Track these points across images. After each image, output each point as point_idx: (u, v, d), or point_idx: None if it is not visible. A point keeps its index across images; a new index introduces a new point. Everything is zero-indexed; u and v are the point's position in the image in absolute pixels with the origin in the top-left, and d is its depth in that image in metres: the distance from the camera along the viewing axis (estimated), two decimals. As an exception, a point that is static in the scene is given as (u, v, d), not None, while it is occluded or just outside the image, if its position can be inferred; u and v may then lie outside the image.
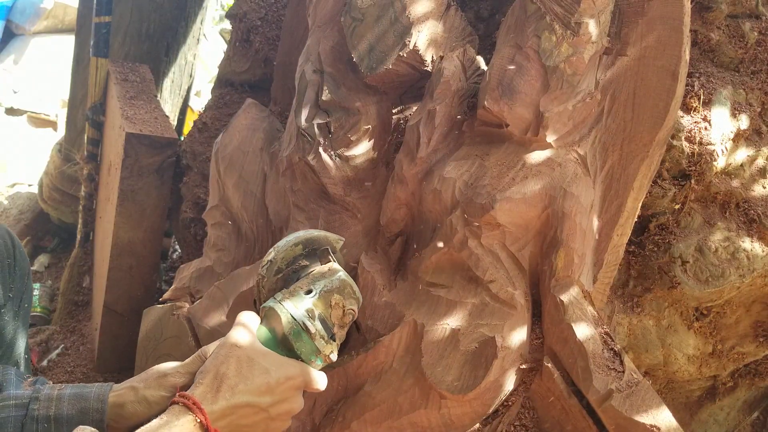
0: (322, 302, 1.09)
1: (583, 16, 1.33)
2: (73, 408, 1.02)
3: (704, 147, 1.53)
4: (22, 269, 1.36)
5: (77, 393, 1.04)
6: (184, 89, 3.25)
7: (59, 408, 1.02)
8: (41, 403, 1.02)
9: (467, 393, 1.31)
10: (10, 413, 1.00)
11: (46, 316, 2.93)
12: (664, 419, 1.24)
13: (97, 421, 1.01)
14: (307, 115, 1.62)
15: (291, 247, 1.16)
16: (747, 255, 1.55)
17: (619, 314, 1.59)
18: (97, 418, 1.01)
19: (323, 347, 1.07)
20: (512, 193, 1.35)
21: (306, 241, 1.17)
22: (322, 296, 1.10)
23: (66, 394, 1.04)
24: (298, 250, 1.16)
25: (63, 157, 3.19)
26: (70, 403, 1.02)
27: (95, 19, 2.51)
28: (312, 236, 1.18)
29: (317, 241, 1.18)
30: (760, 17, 1.67)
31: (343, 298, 1.12)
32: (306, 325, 1.06)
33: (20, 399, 1.03)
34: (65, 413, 1.01)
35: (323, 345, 1.07)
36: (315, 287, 1.11)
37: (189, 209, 2.33)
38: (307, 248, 1.17)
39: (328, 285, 1.11)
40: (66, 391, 1.04)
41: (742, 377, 1.84)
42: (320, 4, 1.72)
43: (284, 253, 1.15)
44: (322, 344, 1.07)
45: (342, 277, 1.14)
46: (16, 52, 5.01)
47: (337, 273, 1.14)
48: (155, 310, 1.83)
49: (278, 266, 1.15)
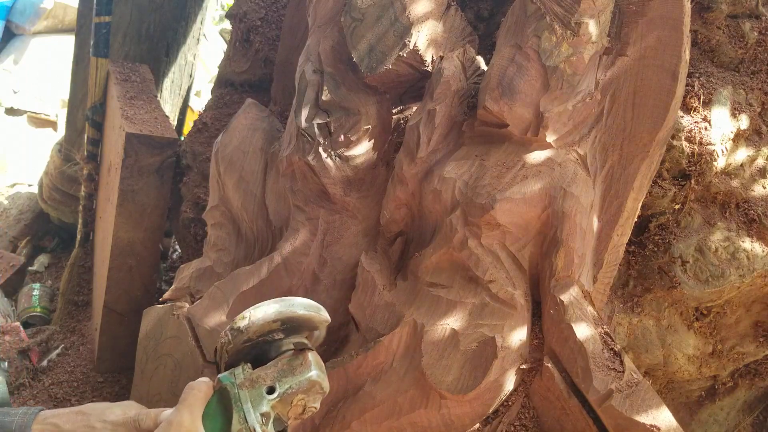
0: (282, 403, 1.01)
1: (583, 16, 1.33)
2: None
3: (704, 147, 1.53)
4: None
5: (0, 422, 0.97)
6: (184, 89, 3.25)
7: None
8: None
9: (467, 393, 1.31)
10: None
11: (46, 316, 2.93)
12: (664, 419, 1.24)
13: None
14: (307, 115, 1.62)
15: (268, 323, 1.05)
16: (747, 255, 1.55)
17: (619, 314, 1.59)
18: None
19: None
20: (512, 193, 1.35)
21: (287, 320, 1.06)
22: (285, 398, 1.01)
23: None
24: (274, 326, 1.06)
25: (63, 157, 3.19)
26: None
27: (95, 19, 2.51)
28: (295, 316, 1.06)
29: (299, 321, 1.07)
30: (760, 17, 1.67)
31: (306, 397, 1.03)
32: (255, 430, 0.99)
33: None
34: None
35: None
36: (279, 386, 1.02)
37: (189, 209, 2.33)
38: (285, 325, 1.06)
39: (294, 386, 1.02)
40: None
41: (742, 377, 1.84)
42: (320, 4, 1.72)
43: (258, 328, 1.05)
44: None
45: (312, 378, 1.03)
46: (16, 52, 5.01)
47: (308, 372, 1.03)
48: (155, 310, 1.83)
49: (248, 336, 1.04)
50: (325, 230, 1.62)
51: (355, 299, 1.53)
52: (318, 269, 1.62)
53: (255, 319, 1.05)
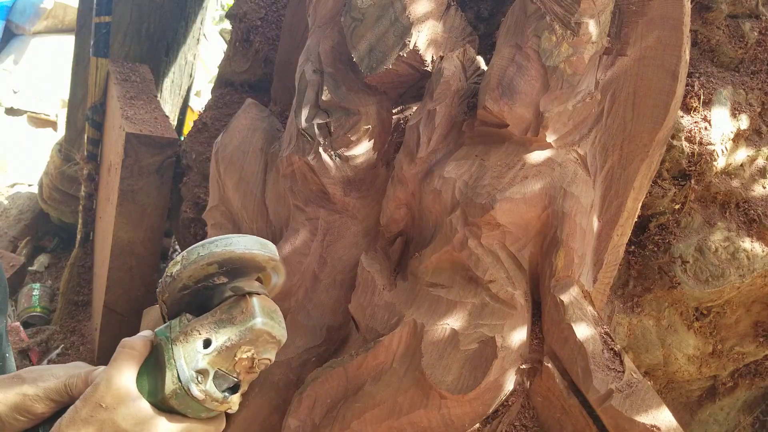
0: (222, 358, 0.88)
1: (583, 16, 1.33)
2: None
3: (704, 147, 1.53)
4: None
5: None
6: (184, 89, 3.25)
7: None
8: None
9: (467, 393, 1.31)
10: None
11: (46, 316, 2.93)
12: (664, 419, 1.24)
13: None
14: (307, 115, 1.62)
15: (203, 266, 0.90)
16: (747, 255, 1.55)
17: (619, 314, 1.59)
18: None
19: (216, 407, 0.88)
20: (512, 193, 1.35)
21: (224, 261, 0.90)
22: (224, 351, 0.87)
23: None
24: (211, 270, 0.90)
25: (63, 157, 3.19)
26: None
27: (95, 19, 2.51)
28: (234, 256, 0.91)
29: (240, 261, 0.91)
30: (760, 17, 1.67)
31: (254, 348, 0.89)
32: (191, 390, 0.86)
33: None
34: None
35: (216, 405, 0.88)
36: (216, 338, 0.88)
37: (189, 209, 2.33)
38: (224, 268, 0.91)
39: (234, 338, 0.88)
40: None
41: (742, 377, 1.84)
42: (320, 4, 1.72)
43: (192, 272, 0.90)
44: (215, 405, 0.87)
45: (256, 326, 0.89)
46: (16, 52, 5.01)
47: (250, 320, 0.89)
48: (155, 310, 1.83)
49: (184, 283, 0.91)
50: (325, 230, 1.62)
51: (355, 299, 1.53)
52: (318, 269, 1.62)
53: (187, 262, 0.91)
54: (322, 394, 1.46)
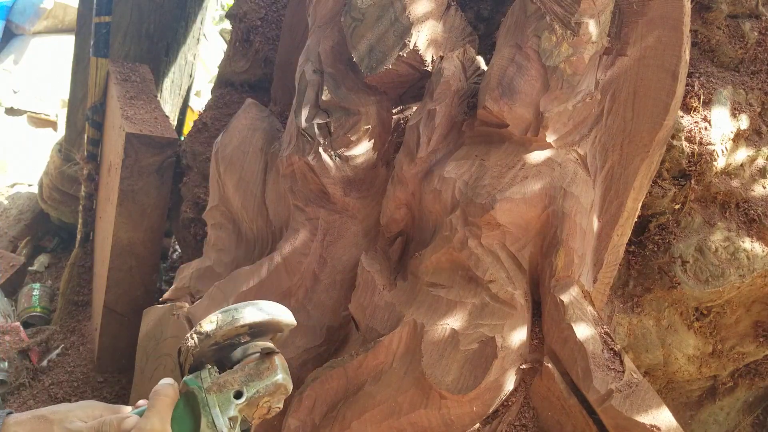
0: (249, 407, 1.04)
1: (583, 16, 1.33)
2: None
3: (704, 147, 1.53)
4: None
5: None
6: (184, 89, 3.25)
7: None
8: None
9: (467, 393, 1.31)
10: None
11: (46, 316, 2.93)
12: (664, 419, 1.24)
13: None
14: (307, 115, 1.62)
15: (236, 328, 1.06)
16: (747, 255, 1.55)
17: (619, 314, 1.59)
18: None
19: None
20: (512, 193, 1.35)
21: (254, 324, 1.07)
22: (252, 401, 1.04)
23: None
24: (242, 330, 1.07)
25: (63, 157, 3.19)
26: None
27: (95, 19, 2.51)
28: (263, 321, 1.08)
29: (267, 326, 1.09)
30: (760, 17, 1.67)
31: (272, 399, 1.06)
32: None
33: None
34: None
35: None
36: (247, 390, 1.04)
37: (189, 209, 2.33)
38: (252, 329, 1.08)
39: (262, 390, 1.05)
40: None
41: (742, 377, 1.84)
42: (320, 4, 1.72)
43: (226, 332, 1.06)
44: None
45: (279, 381, 1.06)
46: (16, 52, 5.01)
47: (275, 376, 1.06)
48: (155, 310, 1.83)
49: (215, 341, 1.06)
50: (325, 230, 1.62)
51: (355, 299, 1.53)
52: (318, 269, 1.62)
53: (222, 323, 1.05)
54: (322, 394, 1.46)
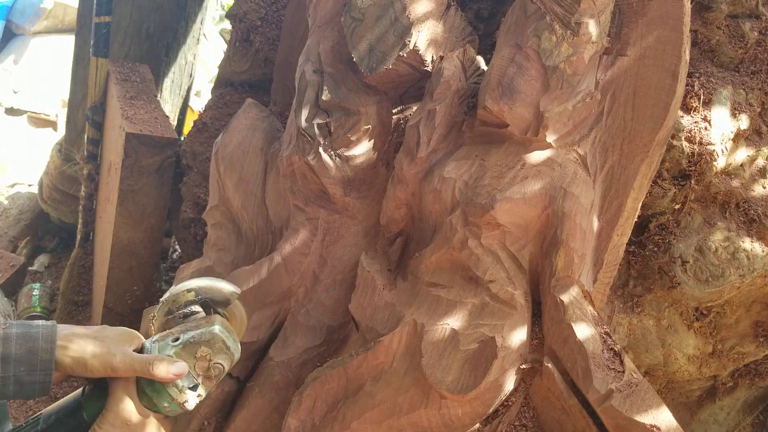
0: (186, 352, 1.10)
1: (583, 16, 1.33)
2: (21, 348, 1.02)
3: (704, 147, 1.53)
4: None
5: (24, 333, 1.04)
6: (184, 89, 3.25)
7: (7, 348, 1.02)
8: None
9: (467, 393, 1.31)
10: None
11: (46, 316, 2.93)
12: (664, 419, 1.24)
13: (46, 361, 1.03)
14: (307, 115, 1.62)
15: (183, 292, 1.18)
16: (747, 255, 1.55)
17: (619, 314, 1.59)
18: (46, 358, 1.03)
19: (177, 395, 1.09)
20: (512, 193, 1.35)
21: (199, 289, 1.19)
22: (187, 346, 1.11)
23: (13, 333, 1.03)
24: (189, 296, 1.18)
25: (63, 157, 3.19)
26: (18, 343, 1.03)
27: (95, 19, 2.51)
28: (205, 285, 1.20)
29: (210, 291, 1.19)
30: (760, 17, 1.67)
31: (211, 351, 1.12)
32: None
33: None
34: (13, 353, 1.02)
35: (177, 393, 1.09)
36: (183, 336, 1.12)
37: (189, 209, 2.33)
38: (199, 296, 1.18)
39: (197, 336, 1.12)
40: (12, 330, 1.04)
41: (742, 377, 1.84)
42: (320, 4, 1.72)
43: (175, 297, 1.18)
44: (176, 392, 1.08)
45: (215, 331, 1.13)
46: (16, 52, 5.01)
47: (212, 326, 1.14)
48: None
49: (169, 308, 1.17)
50: (325, 230, 1.62)
51: (355, 299, 1.53)
52: (318, 269, 1.62)
53: (173, 289, 1.18)
54: (322, 394, 1.46)
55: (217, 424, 1.68)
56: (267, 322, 1.65)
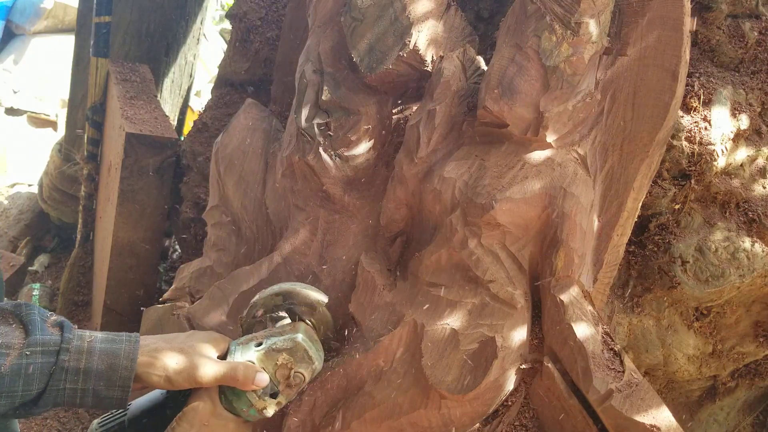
0: (267, 358, 1.10)
1: (583, 16, 1.33)
2: (103, 363, 1.03)
3: (704, 147, 1.53)
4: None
5: (107, 349, 1.05)
6: (184, 89, 3.25)
7: (89, 362, 1.02)
8: (71, 355, 1.02)
9: (467, 393, 1.31)
10: (37, 360, 0.99)
11: (46, 316, 2.92)
12: (664, 419, 1.24)
13: (125, 378, 1.04)
14: (307, 115, 1.62)
15: (272, 296, 1.20)
16: (747, 255, 1.55)
17: (619, 314, 1.59)
18: (125, 375, 1.04)
19: (256, 401, 1.08)
20: (512, 193, 1.35)
21: (286, 293, 1.21)
22: (269, 353, 1.10)
23: (96, 348, 1.04)
24: (278, 300, 1.20)
25: (63, 157, 3.19)
26: (101, 358, 1.03)
27: (95, 19, 2.51)
28: (293, 291, 1.22)
29: (297, 296, 1.21)
30: (760, 17, 1.67)
31: (293, 359, 1.11)
32: None
33: (48, 346, 1.01)
34: (95, 368, 1.02)
35: (256, 399, 1.08)
36: (266, 342, 1.12)
37: (189, 209, 2.33)
38: (287, 300, 1.20)
39: (279, 343, 1.11)
40: (96, 345, 1.05)
41: (742, 377, 1.84)
42: (320, 4, 1.72)
43: (264, 300, 1.20)
44: (255, 398, 1.08)
45: (298, 339, 1.13)
46: (16, 52, 5.01)
47: (294, 334, 1.14)
48: (155, 310, 1.83)
49: (257, 310, 1.20)
50: (325, 230, 1.62)
51: (355, 299, 1.53)
52: (318, 269, 1.62)
53: (264, 292, 1.21)
54: (322, 394, 1.46)
55: (217, 424, 1.68)
56: (267, 322, 1.65)
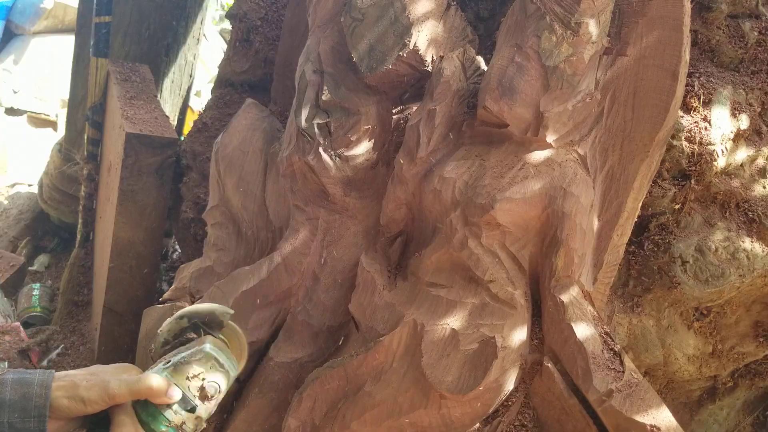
0: (178, 373, 1.08)
1: (583, 16, 1.33)
2: (15, 393, 1.02)
3: (704, 147, 1.53)
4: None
5: (20, 378, 1.04)
6: (184, 89, 3.25)
7: (2, 393, 1.02)
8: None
9: (467, 393, 1.32)
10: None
11: (46, 316, 2.93)
12: (664, 419, 1.24)
13: (40, 407, 1.02)
14: (307, 115, 1.62)
15: (176, 320, 1.17)
16: (747, 255, 1.55)
17: (619, 314, 1.59)
18: (40, 404, 1.02)
19: (173, 417, 1.06)
20: (512, 193, 1.35)
21: (189, 314, 1.18)
22: (178, 367, 1.09)
23: (8, 379, 1.04)
24: (183, 323, 1.17)
25: (63, 157, 3.19)
26: (13, 388, 1.03)
27: (95, 19, 2.51)
28: (196, 310, 1.19)
29: (200, 314, 1.19)
30: (760, 17, 1.67)
31: (204, 369, 1.10)
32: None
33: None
34: (8, 398, 1.02)
35: (173, 415, 1.06)
36: (173, 359, 1.10)
37: (189, 209, 2.33)
38: (192, 320, 1.17)
39: (187, 357, 1.10)
40: (8, 376, 1.04)
41: (742, 377, 1.84)
42: (320, 4, 1.72)
43: (169, 326, 1.17)
44: (171, 415, 1.06)
45: (206, 349, 1.12)
46: (16, 52, 5.01)
47: (202, 345, 1.13)
48: (155, 310, 1.83)
49: (164, 338, 1.17)
50: (325, 230, 1.62)
51: (355, 299, 1.53)
52: (318, 269, 1.62)
53: (168, 320, 1.17)
54: (322, 394, 1.46)
55: (217, 424, 1.68)
56: (267, 322, 1.65)
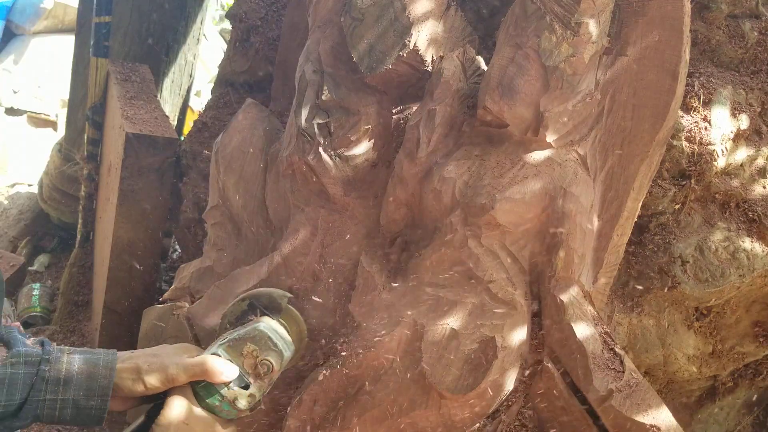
0: (232, 350, 1.12)
1: (583, 16, 1.33)
2: (82, 373, 1.07)
3: (704, 147, 1.53)
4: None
5: (86, 359, 1.09)
6: (184, 89, 3.25)
7: (69, 372, 1.06)
8: (51, 365, 1.07)
9: (467, 393, 1.32)
10: (20, 370, 1.04)
11: (46, 316, 2.93)
12: (664, 419, 1.24)
13: (104, 386, 1.07)
14: (307, 115, 1.62)
15: (238, 302, 1.24)
16: (747, 255, 1.55)
17: (619, 314, 1.59)
18: (104, 384, 1.07)
19: (227, 393, 1.09)
20: (512, 193, 1.35)
21: (251, 296, 1.25)
22: (233, 344, 1.12)
23: (76, 359, 1.09)
24: (243, 306, 1.24)
25: (63, 157, 3.19)
26: (80, 368, 1.07)
27: (95, 19, 2.51)
28: (257, 293, 1.27)
29: (260, 296, 1.25)
30: (760, 17, 1.67)
31: (258, 348, 1.13)
32: None
33: (30, 357, 1.06)
34: (75, 377, 1.06)
35: (226, 391, 1.09)
36: (229, 336, 1.14)
37: (189, 209, 2.33)
38: (251, 303, 1.24)
39: (242, 334, 1.13)
40: (75, 356, 1.09)
41: (742, 377, 1.84)
42: (320, 4, 1.72)
43: (232, 308, 1.24)
44: (226, 390, 1.09)
45: (260, 327, 1.15)
46: (16, 52, 5.01)
47: (256, 324, 1.17)
48: (155, 310, 1.83)
49: (228, 320, 1.23)
50: (325, 230, 1.62)
51: (355, 299, 1.53)
52: (318, 269, 1.62)
53: (231, 303, 1.26)
54: (322, 394, 1.46)
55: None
56: (267, 322, 1.65)
